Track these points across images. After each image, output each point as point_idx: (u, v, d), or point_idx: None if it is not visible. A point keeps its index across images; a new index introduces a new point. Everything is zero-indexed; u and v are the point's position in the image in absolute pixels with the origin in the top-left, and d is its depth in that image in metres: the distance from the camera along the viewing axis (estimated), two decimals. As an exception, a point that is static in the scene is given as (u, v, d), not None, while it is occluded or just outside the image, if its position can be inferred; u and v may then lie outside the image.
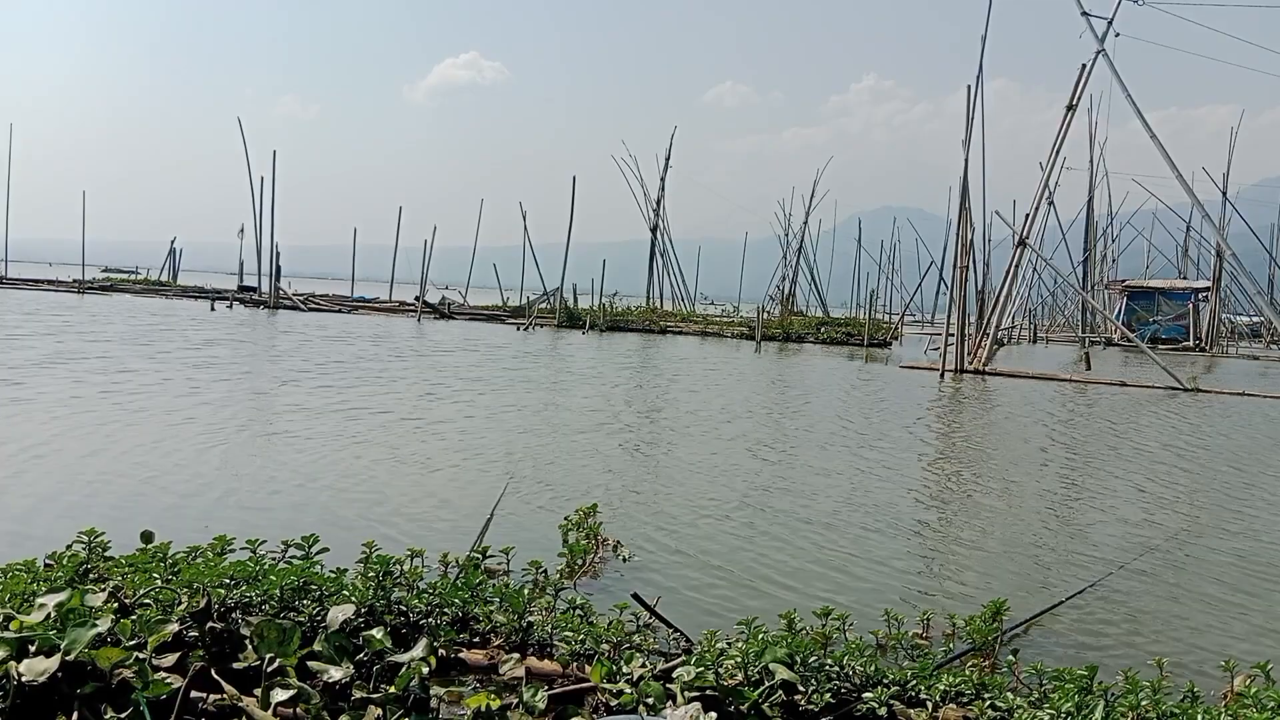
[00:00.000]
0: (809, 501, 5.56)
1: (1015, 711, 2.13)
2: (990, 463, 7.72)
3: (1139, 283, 36.71)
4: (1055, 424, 10.60)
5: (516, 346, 18.83)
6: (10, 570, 2.42)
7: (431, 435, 7.23)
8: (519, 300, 33.21)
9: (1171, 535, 5.16)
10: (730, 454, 7.11)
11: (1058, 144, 19.86)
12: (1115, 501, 6.12)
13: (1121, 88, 17.54)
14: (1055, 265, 26.92)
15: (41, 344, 12.81)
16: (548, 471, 6.04)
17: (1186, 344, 31.72)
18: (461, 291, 36.28)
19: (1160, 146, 17.37)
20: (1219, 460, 8.26)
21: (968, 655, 2.92)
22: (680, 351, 20.17)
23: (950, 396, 13.35)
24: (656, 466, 6.55)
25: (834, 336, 26.81)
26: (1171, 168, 17.27)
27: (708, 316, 32.71)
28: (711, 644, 2.25)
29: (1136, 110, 17.19)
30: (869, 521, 5.11)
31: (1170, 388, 15.25)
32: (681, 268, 37.50)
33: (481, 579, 2.69)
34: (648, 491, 5.66)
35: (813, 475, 6.46)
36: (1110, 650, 3.30)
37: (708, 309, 39.23)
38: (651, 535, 4.55)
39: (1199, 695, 2.35)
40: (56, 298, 27.54)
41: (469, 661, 2.29)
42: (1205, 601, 3.99)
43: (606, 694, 2.11)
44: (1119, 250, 43.85)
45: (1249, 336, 39.65)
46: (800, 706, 2.12)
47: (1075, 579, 4.11)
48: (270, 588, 2.30)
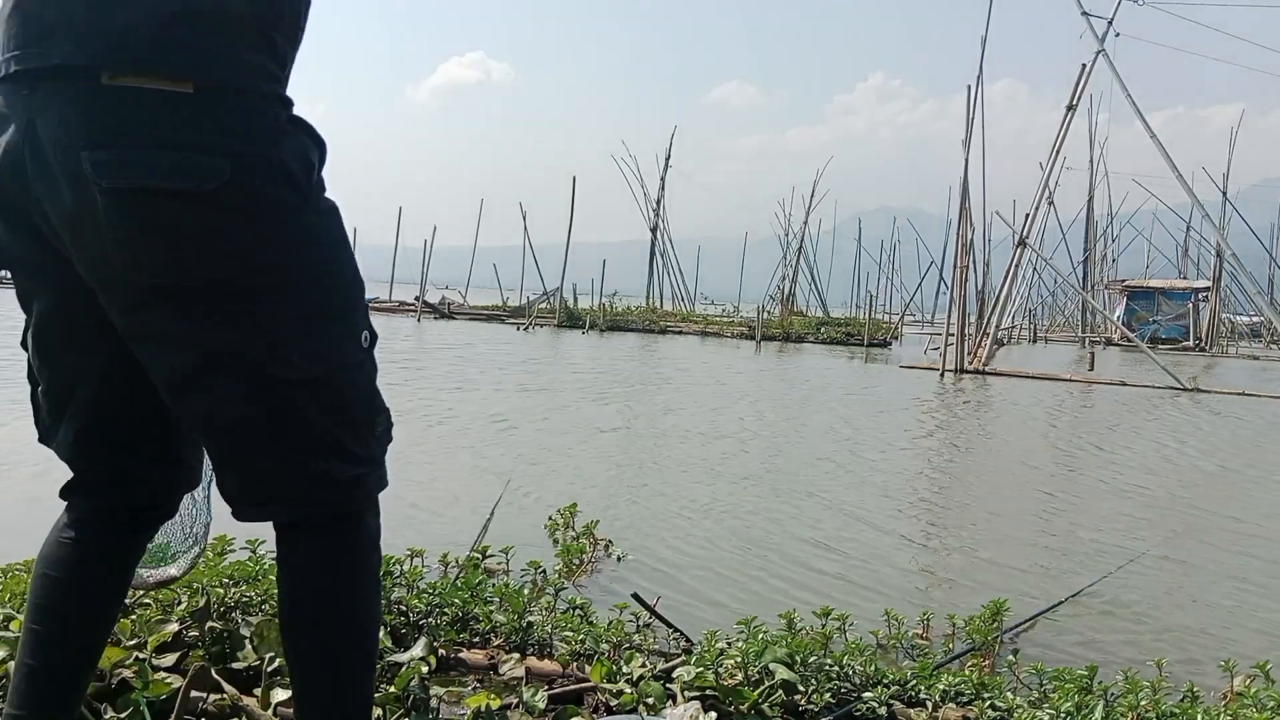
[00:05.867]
0: (808, 501, 5.55)
1: (1015, 711, 2.13)
2: (990, 462, 7.72)
3: (1139, 283, 36.67)
4: (1055, 423, 10.60)
5: (516, 346, 18.84)
6: (10, 570, 2.42)
7: (431, 435, 7.23)
8: (519, 300, 33.20)
9: (1172, 535, 5.16)
10: (729, 453, 7.11)
11: (1058, 144, 19.87)
12: (1115, 501, 6.12)
13: (1121, 88, 17.55)
14: (1055, 265, 26.92)
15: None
16: (547, 471, 6.05)
17: (1186, 344, 31.69)
18: (461, 291, 36.28)
19: (1160, 146, 17.37)
20: (1220, 460, 8.26)
21: (968, 655, 2.92)
22: (680, 351, 20.17)
23: (950, 396, 13.35)
24: (655, 466, 6.55)
25: (834, 336, 26.80)
26: (1172, 168, 17.27)
27: (708, 316, 32.69)
28: (711, 644, 2.25)
29: (1136, 110, 17.19)
30: (868, 521, 5.11)
31: (1170, 387, 15.25)
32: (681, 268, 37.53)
33: (481, 579, 2.69)
34: (646, 491, 5.66)
35: (811, 475, 6.46)
36: (1110, 650, 3.30)
37: (708, 309, 39.21)
38: (649, 534, 4.55)
39: (1199, 695, 2.35)
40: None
41: (469, 661, 2.29)
42: (1205, 601, 3.99)
43: (606, 694, 2.11)
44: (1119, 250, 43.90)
45: (1249, 336, 39.62)
46: (800, 706, 2.12)
47: (1075, 579, 4.11)
48: (270, 587, 2.30)
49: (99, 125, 1.14)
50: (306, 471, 1.26)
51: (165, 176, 1.13)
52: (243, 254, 1.19)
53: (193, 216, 1.16)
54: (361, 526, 1.33)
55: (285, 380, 1.22)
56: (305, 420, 1.25)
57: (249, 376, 1.21)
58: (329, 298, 1.26)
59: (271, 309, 1.21)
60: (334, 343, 1.26)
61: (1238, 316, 39.08)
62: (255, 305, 1.21)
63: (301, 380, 1.23)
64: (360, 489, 1.31)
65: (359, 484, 1.31)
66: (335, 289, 1.27)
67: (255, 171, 1.18)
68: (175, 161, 1.14)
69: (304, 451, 1.26)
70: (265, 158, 1.19)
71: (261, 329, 1.21)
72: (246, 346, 1.21)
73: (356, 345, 1.29)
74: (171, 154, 1.14)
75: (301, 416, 1.24)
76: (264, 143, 1.20)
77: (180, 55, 1.15)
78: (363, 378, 1.30)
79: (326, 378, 1.25)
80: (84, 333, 1.31)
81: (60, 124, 1.15)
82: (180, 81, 1.15)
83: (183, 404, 1.26)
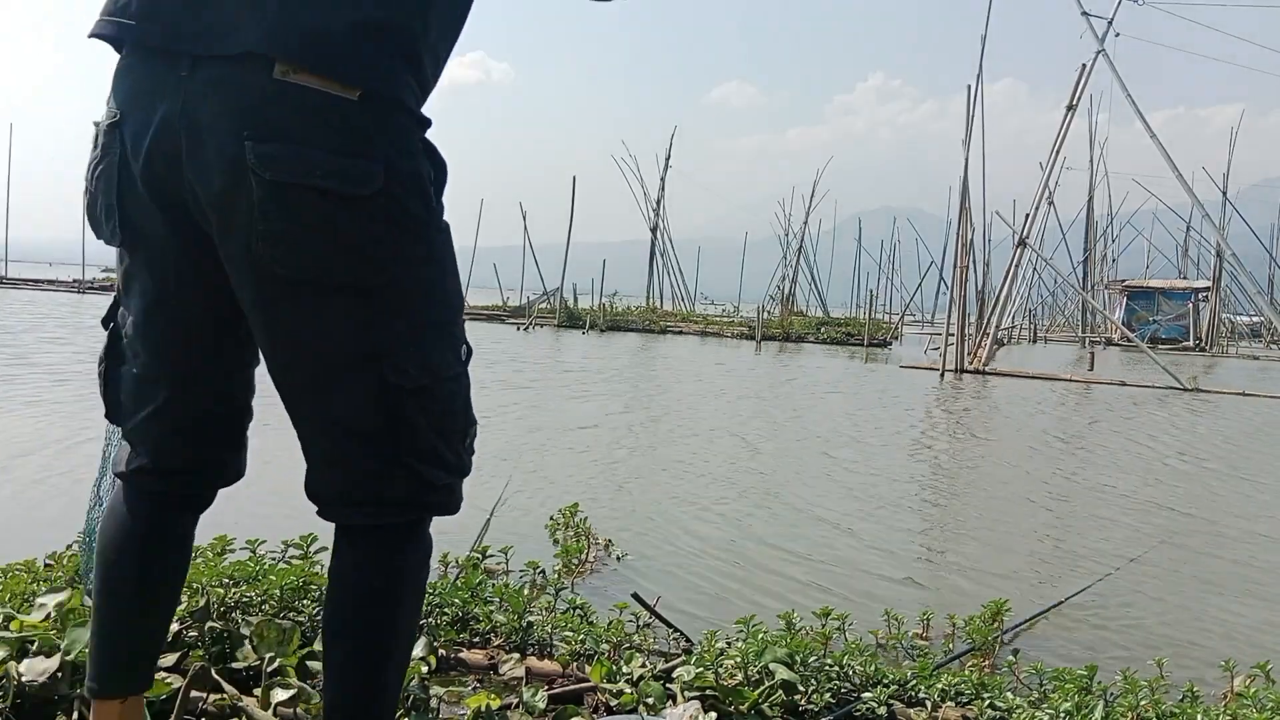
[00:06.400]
0: (807, 501, 5.55)
1: (1014, 711, 2.13)
2: (990, 462, 7.72)
3: (1139, 283, 36.68)
4: (1055, 423, 10.60)
5: (516, 346, 18.84)
6: (10, 570, 2.42)
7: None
8: (519, 300, 33.21)
9: (1172, 535, 5.15)
10: (728, 453, 7.11)
11: (1058, 144, 19.88)
12: (1115, 501, 6.12)
13: (1121, 88, 17.54)
14: (1055, 265, 26.92)
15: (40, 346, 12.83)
16: (546, 471, 6.05)
17: (1186, 344, 31.70)
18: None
19: (1160, 146, 17.38)
20: (1219, 460, 8.26)
21: (968, 655, 2.92)
22: (680, 351, 20.17)
23: (950, 396, 13.35)
24: (654, 466, 6.55)
25: (834, 336, 26.81)
26: (1172, 168, 17.27)
27: (708, 316, 32.70)
28: (711, 644, 2.25)
29: (1136, 110, 17.19)
30: (868, 521, 5.11)
31: (1170, 387, 15.26)
32: (681, 268, 37.53)
33: (481, 579, 2.69)
34: (646, 491, 5.66)
35: (811, 475, 6.46)
36: (1110, 650, 3.30)
37: (708, 309, 39.23)
38: (649, 534, 4.55)
39: (1199, 695, 2.35)
40: (56, 297, 27.56)
41: (469, 661, 2.29)
42: (1205, 601, 3.99)
43: (606, 694, 2.11)
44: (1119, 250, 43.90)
45: (1249, 336, 39.64)
46: (800, 706, 2.12)
47: (1076, 579, 4.11)
48: (270, 588, 2.30)
49: (267, 118, 1.17)
50: (410, 476, 1.30)
51: (326, 176, 1.17)
52: (380, 261, 1.23)
53: (344, 218, 1.19)
54: (423, 537, 1.38)
55: (400, 387, 1.27)
56: (414, 427, 1.29)
57: (372, 381, 1.26)
58: (440, 311, 1.31)
59: (395, 318, 1.26)
60: (440, 354, 1.31)
61: (1238, 316, 39.09)
62: (383, 312, 1.25)
63: (413, 389, 1.27)
64: (452, 496, 1.37)
65: (451, 491, 1.37)
66: (445, 304, 1.32)
67: (403, 184, 1.23)
68: (337, 163, 1.18)
69: (411, 456, 1.30)
70: (413, 172, 1.24)
71: (386, 335, 1.26)
72: (372, 351, 1.25)
73: (457, 357, 1.34)
74: (334, 156, 1.18)
75: (411, 423, 1.29)
76: (411, 158, 1.25)
77: (354, 63, 1.19)
78: (460, 390, 1.35)
79: (433, 387, 1.29)
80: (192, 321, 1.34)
81: (226, 111, 1.18)
82: (349, 88, 1.19)
83: (304, 401, 1.30)
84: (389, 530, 1.33)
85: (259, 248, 1.20)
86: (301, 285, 1.22)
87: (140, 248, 1.32)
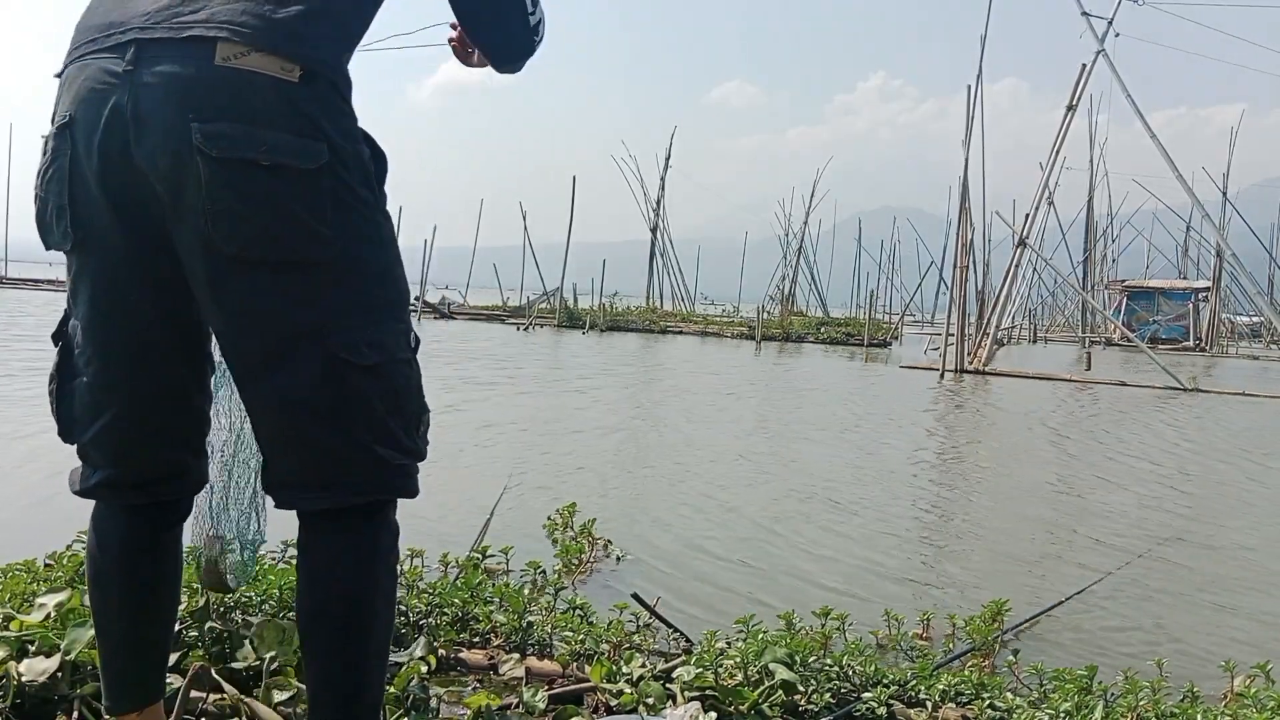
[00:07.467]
0: (807, 502, 5.55)
1: (1014, 711, 2.13)
2: (990, 462, 7.72)
3: (1139, 283, 36.66)
4: (1055, 424, 10.59)
5: (516, 346, 18.84)
6: (10, 570, 2.42)
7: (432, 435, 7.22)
8: (519, 300, 33.22)
9: (1172, 535, 5.15)
10: (727, 453, 7.11)
11: (1058, 144, 19.87)
12: (1115, 501, 6.12)
13: (1121, 88, 17.54)
14: (1055, 265, 26.92)
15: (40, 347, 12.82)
16: (546, 472, 6.04)
17: (1186, 344, 31.70)
18: (461, 291, 36.28)
19: (1160, 147, 17.38)
20: (1219, 460, 8.26)
21: (968, 655, 2.92)
22: (680, 351, 20.17)
23: (950, 396, 13.35)
24: (653, 466, 6.55)
25: (834, 336, 26.81)
26: (1172, 168, 17.27)
27: (708, 316, 32.69)
28: (711, 644, 2.25)
29: (1136, 110, 17.19)
30: (868, 521, 5.11)
31: (1170, 387, 15.25)
32: (681, 268, 37.51)
33: (481, 579, 2.69)
34: (646, 491, 5.67)
35: (810, 475, 6.46)
36: (1110, 650, 3.30)
37: (708, 309, 39.21)
38: (648, 534, 4.55)
39: (1199, 695, 2.35)
40: (56, 297, 27.56)
41: (469, 661, 2.29)
42: (1205, 601, 3.99)
43: (606, 694, 2.11)
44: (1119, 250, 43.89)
45: (1249, 336, 39.62)
46: (800, 706, 2.12)
47: (1076, 579, 4.11)
48: (270, 587, 2.30)
49: (212, 98, 1.20)
50: (367, 455, 1.32)
51: (272, 151, 1.21)
52: (327, 236, 1.25)
53: (290, 193, 1.23)
54: (388, 520, 1.38)
55: (353, 365, 1.29)
56: (369, 406, 1.31)
57: (324, 357, 1.27)
58: (390, 292, 1.34)
59: (345, 295, 1.29)
60: (391, 335, 1.33)
61: (1238, 316, 39.09)
62: (333, 289, 1.28)
63: (365, 366, 1.29)
64: (410, 479, 1.38)
65: (409, 474, 1.38)
66: (394, 287, 1.35)
67: (347, 164, 1.27)
68: (282, 139, 1.21)
69: (367, 436, 1.31)
70: (355, 154, 1.29)
71: (336, 312, 1.28)
72: (322, 327, 1.27)
73: (407, 343, 1.37)
74: (279, 134, 1.21)
75: (365, 401, 1.30)
76: (354, 141, 1.29)
77: (296, 42, 1.23)
78: (413, 374, 1.38)
79: (385, 367, 1.31)
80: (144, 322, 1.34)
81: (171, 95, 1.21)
82: (290, 66, 1.23)
83: (257, 382, 1.30)
84: (351, 514, 1.33)
85: (208, 226, 1.21)
86: (251, 261, 1.24)
87: (92, 249, 1.32)
